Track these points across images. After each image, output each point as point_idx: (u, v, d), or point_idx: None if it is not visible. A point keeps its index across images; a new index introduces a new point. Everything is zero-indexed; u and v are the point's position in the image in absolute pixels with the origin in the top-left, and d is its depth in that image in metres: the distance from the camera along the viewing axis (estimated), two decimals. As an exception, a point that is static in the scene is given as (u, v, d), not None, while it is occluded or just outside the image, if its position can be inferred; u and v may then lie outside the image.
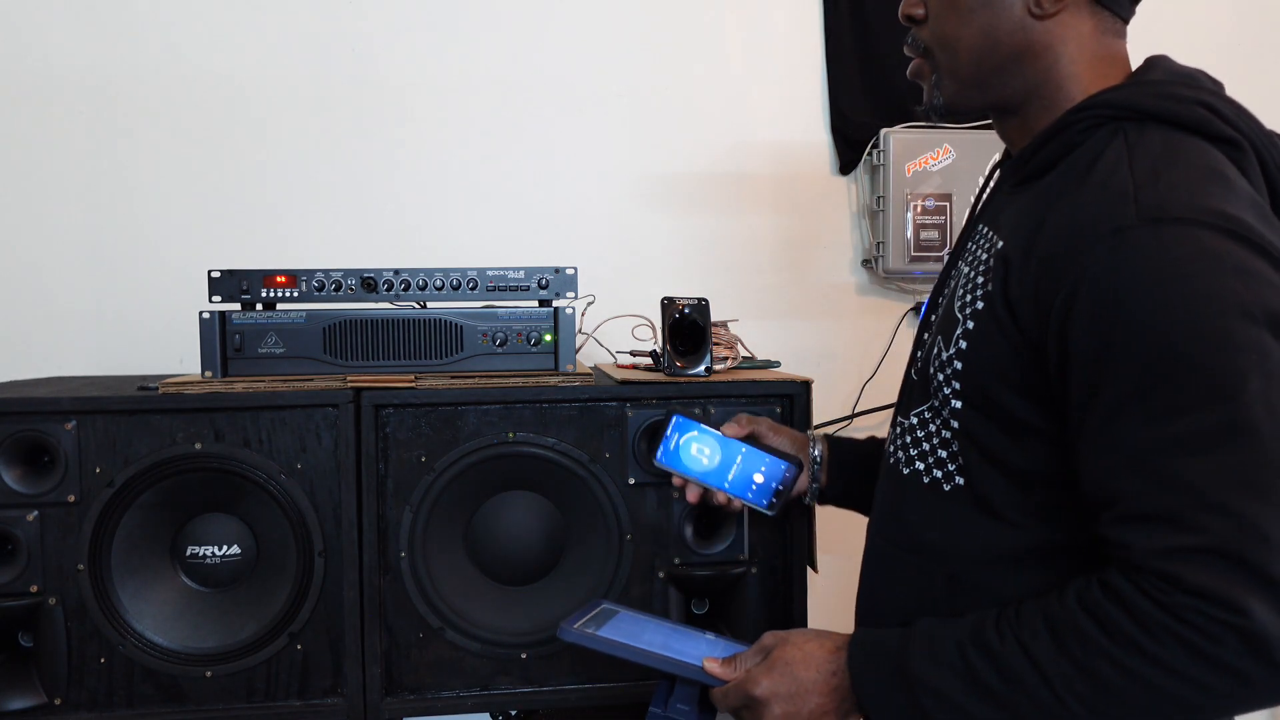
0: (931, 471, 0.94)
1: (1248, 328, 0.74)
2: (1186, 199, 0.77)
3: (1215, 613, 0.71)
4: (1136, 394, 0.76)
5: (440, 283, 1.34)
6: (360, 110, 1.95)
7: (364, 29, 1.95)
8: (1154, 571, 0.74)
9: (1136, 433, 0.76)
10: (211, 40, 1.91)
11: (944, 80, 0.96)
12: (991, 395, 0.87)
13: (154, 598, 1.23)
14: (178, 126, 1.90)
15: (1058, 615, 0.78)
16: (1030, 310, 0.83)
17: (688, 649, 1.02)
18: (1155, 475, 0.75)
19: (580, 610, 1.10)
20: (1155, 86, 0.87)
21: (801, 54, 2.07)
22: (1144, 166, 0.81)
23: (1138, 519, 0.75)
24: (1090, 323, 0.78)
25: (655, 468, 1.26)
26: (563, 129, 2.00)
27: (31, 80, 1.87)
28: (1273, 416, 0.72)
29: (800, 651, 0.93)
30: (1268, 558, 0.70)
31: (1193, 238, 0.76)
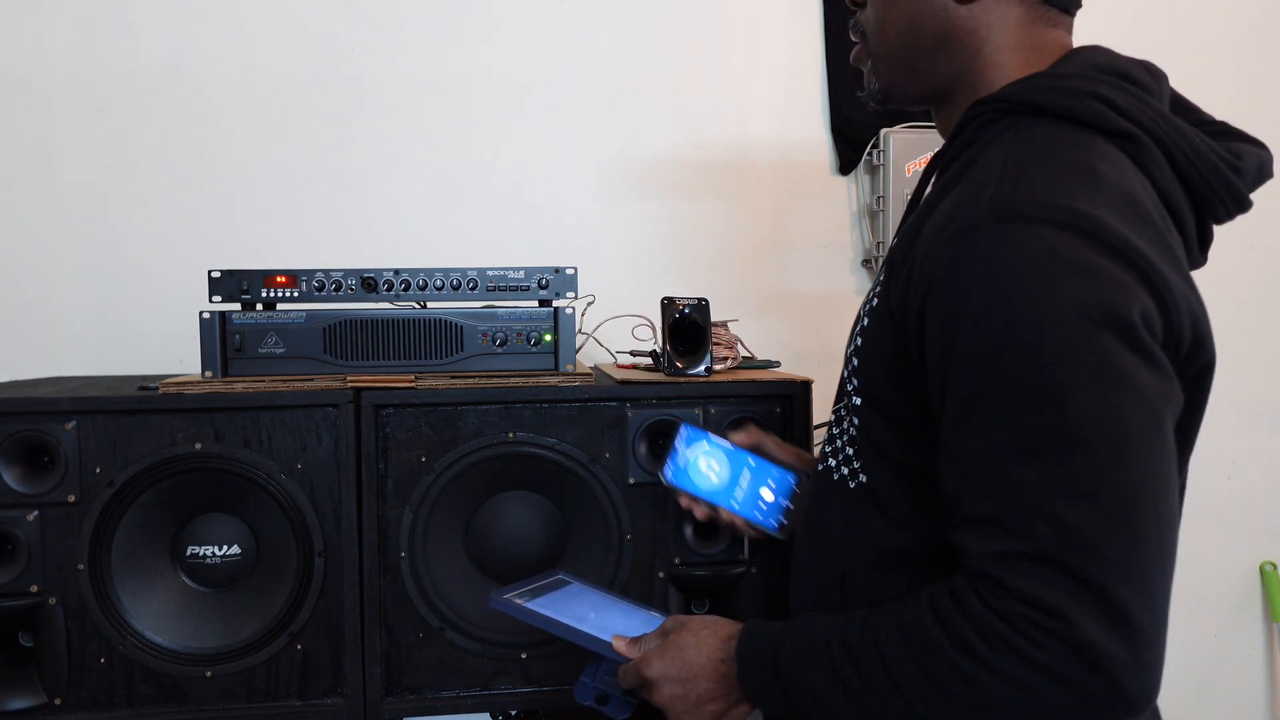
0: (840, 468, 0.94)
1: (1087, 330, 0.71)
2: (1039, 196, 0.75)
3: (1041, 620, 0.70)
4: (975, 398, 0.75)
5: (440, 283, 1.34)
6: (360, 110, 1.95)
7: (364, 29, 1.95)
8: (985, 576, 0.73)
9: (975, 437, 0.75)
10: (212, 40, 1.91)
11: (878, 65, 0.96)
12: (879, 393, 0.87)
13: (154, 598, 1.23)
14: (178, 127, 1.90)
15: (909, 617, 0.78)
16: (900, 309, 0.83)
17: (616, 625, 1.03)
18: (989, 480, 0.74)
19: (529, 579, 1.11)
20: (1055, 79, 0.85)
21: (801, 54, 2.07)
22: (1013, 164, 0.79)
23: (974, 523, 0.75)
24: (938, 325, 0.77)
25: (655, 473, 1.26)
26: (563, 128, 2.00)
27: (31, 80, 1.87)
28: (1106, 423, 0.70)
29: (694, 637, 0.94)
30: (1092, 566, 0.69)
31: (1037, 236, 0.73)
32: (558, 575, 1.16)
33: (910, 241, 0.84)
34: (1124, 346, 0.71)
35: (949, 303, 0.76)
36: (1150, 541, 0.70)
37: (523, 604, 1.04)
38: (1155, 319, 0.74)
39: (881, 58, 0.95)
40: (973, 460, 0.75)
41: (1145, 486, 0.71)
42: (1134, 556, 0.69)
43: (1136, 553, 0.70)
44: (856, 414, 0.91)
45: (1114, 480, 0.70)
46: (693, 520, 1.30)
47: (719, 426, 1.29)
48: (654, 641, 0.97)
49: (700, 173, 2.04)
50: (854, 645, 0.81)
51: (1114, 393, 0.71)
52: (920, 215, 0.86)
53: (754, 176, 2.06)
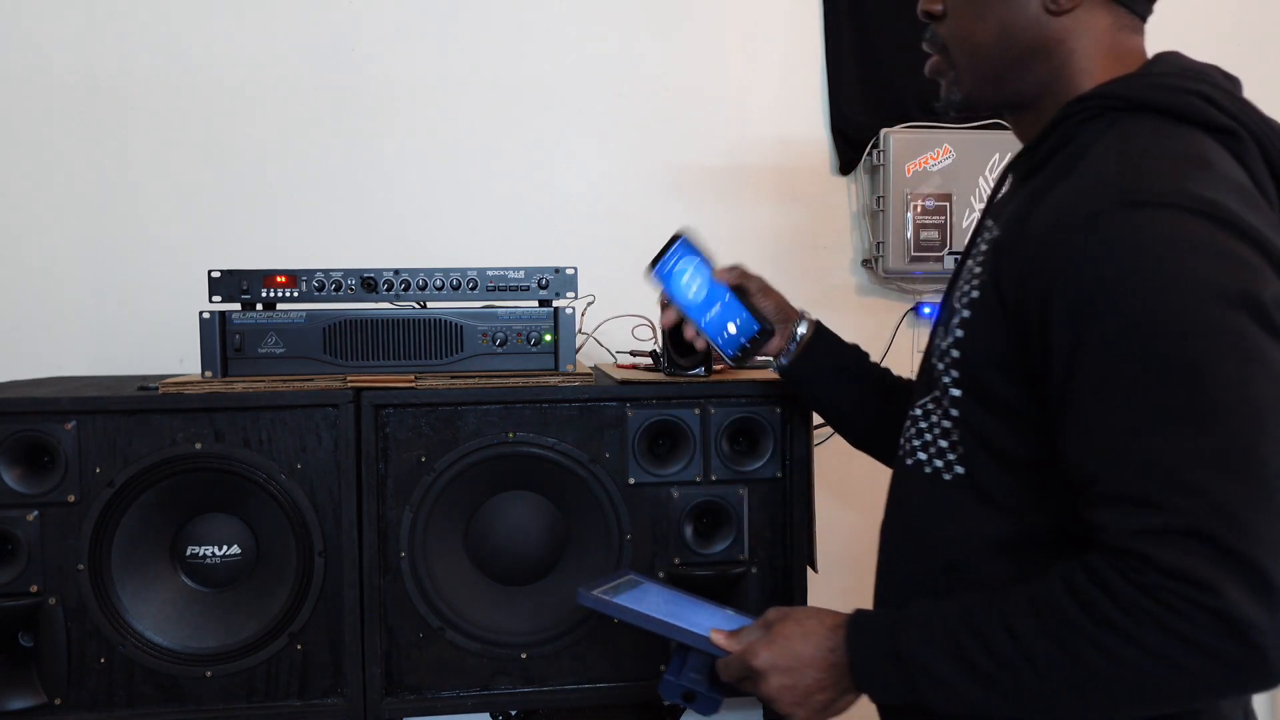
0: (933, 461, 0.95)
1: (1223, 310, 0.73)
2: (1165, 183, 0.78)
3: (1188, 592, 0.71)
4: (1113, 376, 0.76)
5: (440, 283, 1.34)
6: (361, 110, 1.95)
7: (364, 29, 1.95)
8: (1128, 551, 0.74)
9: (1112, 414, 0.76)
10: (212, 40, 1.91)
11: (961, 77, 0.97)
12: (986, 382, 0.88)
13: (154, 598, 1.23)
14: (178, 126, 1.90)
15: (1042, 596, 0.79)
16: (1016, 296, 0.84)
17: (702, 620, 1.04)
18: (1129, 456, 0.75)
19: (606, 578, 1.12)
20: (1153, 78, 0.87)
21: (801, 54, 2.07)
22: (1128, 154, 0.81)
23: (1113, 500, 0.76)
24: (1067, 307, 0.79)
25: (650, 471, 1.27)
26: (563, 129, 2.00)
27: (31, 80, 1.87)
28: (1244, 399, 0.72)
29: (800, 627, 0.94)
30: (1239, 538, 0.70)
31: (1169, 221, 0.76)
32: (629, 575, 1.17)
33: (1018, 232, 0.85)
34: (1258, 326, 0.73)
35: (1080, 287, 0.77)
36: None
37: (612, 599, 1.04)
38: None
39: (967, 70, 0.96)
40: (1110, 438, 0.76)
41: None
42: (1276, 526, 0.71)
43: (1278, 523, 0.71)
44: (955, 405, 0.91)
45: (1253, 453, 0.72)
46: (693, 520, 1.30)
47: (719, 427, 1.29)
48: (757, 633, 0.98)
49: (700, 172, 2.04)
50: (981, 626, 0.81)
51: (1250, 370, 0.73)
52: (1024, 207, 0.87)
53: (754, 176, 2.06)
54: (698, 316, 1.22)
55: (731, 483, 1.30)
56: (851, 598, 1.05)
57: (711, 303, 1.22)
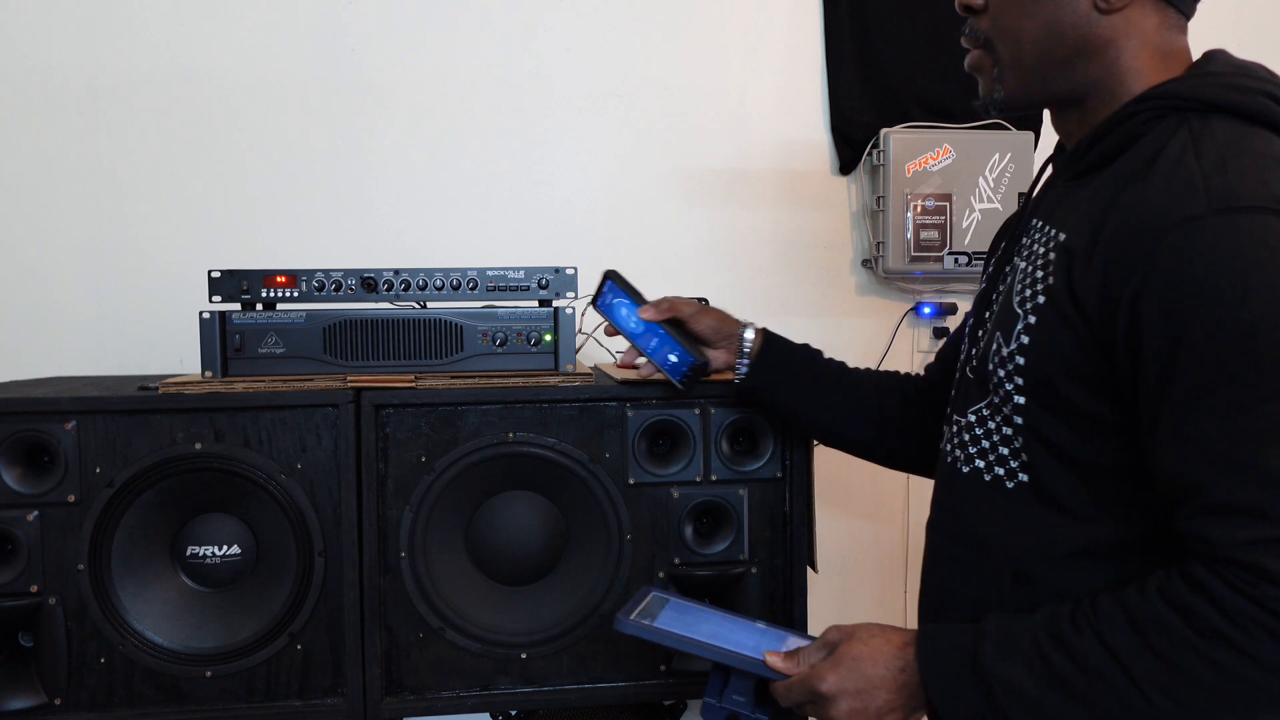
0: (993, 469, 0.93)
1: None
2: (1257, 187, 0.77)
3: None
4: (1215, 384, 0.75)
5: (440, 283, 1.34)
6: (361, 110, 1.95)
7: (364, 29, 1.95)
8: (1238, 563, 0.73)
9: (1216, 423, 0.75)
10: (211, 40, 1.91)
11: (1005, 73, 0.95)
12: (1057, 388, 0.86)
13: (154, 598, 1.23)
14: (178, 126, 1.90)
15: (1138, 607, 0.77)
16: (1096, 302, 0.82)
17: (744, 640, 1.01)
18: (1236, 466, 0.74)
19: (632, 599, 1.10)
20: (1217, 78, 0.86)
21: (801, 54, 2.07)
22: (1211, 156, 0.80)
23: (1219, 511, 0.75)
24: (1164, 313, 0.77)
25: (650, 471, 1.27)
26: (563, 129, 2.00)
27: (31, 80, 1.87)
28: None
29: (867, 647, 0.92)
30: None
31: (1266, 225, 0.75)
32: (652, 592, 1.14)
33: (1093, 235, 0.84)
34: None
35: (1179, 291, 0.76)
36: None
37: (652, 624, 1.01)
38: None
39: (1012, 66, 0.94)
40: (1213, 447, 0.75)
41: None
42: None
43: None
44: (1019, 413, 0.90)
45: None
46: (693, 520, 1.30)
47: (719, 427, 1.29)
48: (818, 654, 0.95)
49: (700, 172, 2.04)
50: (1068, 639, 0.79)
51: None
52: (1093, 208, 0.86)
53: (754, 176, 2.06)
54: (642, 346, 1.26)
55: (731, 483, 1.30)
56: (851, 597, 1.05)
57: (649, 336, 1.25)
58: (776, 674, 0.95)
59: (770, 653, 0.97)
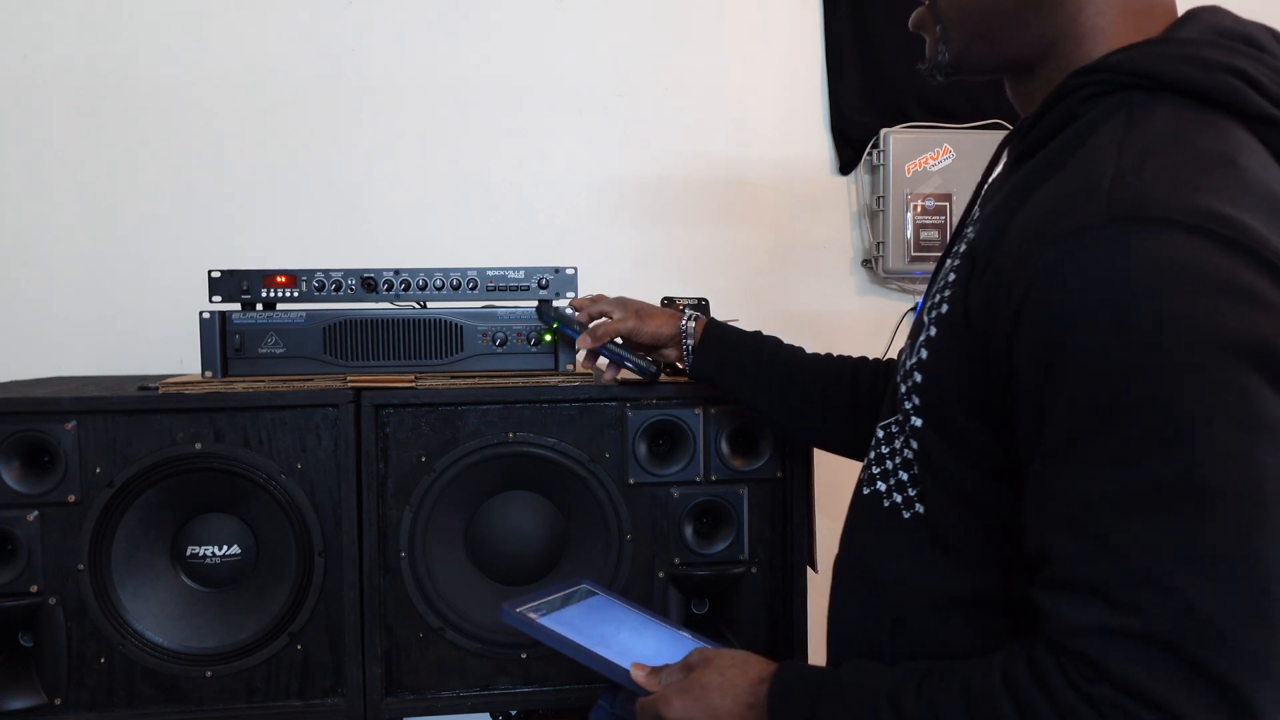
0: (892, 494, 0.83)
1: (1223, 362, 0.58)
2: (1170, 194, 0.62)
3: (1141, 713, 0.58)
4: (1079, 435, 0.62)
5: (440, 283, 1.34)
6: (361, 110, 1.95)
7: (363, 29, 1.95)
8: (1077, 653, 0.61)
9: (1075, 482, 0.63)
10: (212, 41, 1.91)
11: (949, 31, 0.82)
12: (948, 415, 0.75)
13: (154, 598, 1.23)
14: (178, 126, 1.90)
15: (977, 686, 0.67)
16: (983, 320, 0.71)
17: (637, 648, 0.97)
18: (1089, 535, 0.61)
19: (549, 589, 1.08)
20: (1181, 46, 0.71)
21: (801, 54, 2.07)
22: (1133, 151, 0.66)
23: (1066, 586, 0.63)
24: (1035, 343, 0.65)
25: (650, 471, 1.27)
26: (563, 129, 2.01)
27: (31, 80, 1.87)
28: (1242, 478, 0.58)
29: (721, 677, 0.85)
30: (1216, 655, 0.57)
31: (1169, 244, 0.60)
32: (582, 585, 1.13)
33: (996, 238, 0.72)
34: (1268, 385, 0.59)
35: (1053, 318, 0.63)
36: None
37: (536, 619, 0.98)
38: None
39: (956, 23, 0.81)
40: (1071, 508, 0.63)
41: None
42: (1271, 645, 0.57)
43: (1273, 639, 0.57)
44: (916, 436, 0.79)
45: (1249, 548, 0.57)
46: (693, 520, 1.30)
47: (719, 427, 1.29)
48: (675, 676, 0.89)
49: (700, 173, 2.04)
50: (907, 707, 0.70)
51: (1254, 442, 0.58)
52: (1007, 204, 0.74)
53: (754, 176, 2.06)
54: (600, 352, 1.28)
55: (731, 483, 1.30)
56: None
57: (599, 354, 1.27)
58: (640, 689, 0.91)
59: (637, 666, 0.93)
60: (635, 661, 0.93)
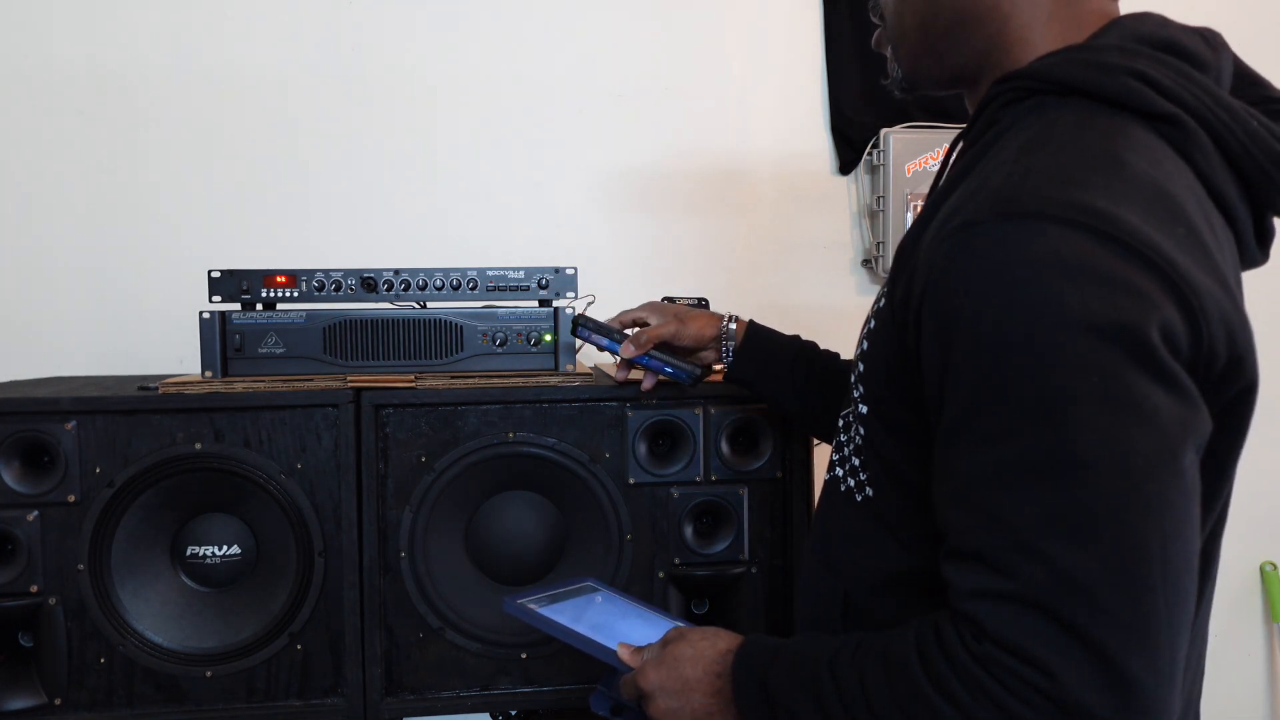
0: (847, 480, 0.88)
1: (1093, 345, 0.63)
2: (1049, 190, 0.67)
3: (1022, 671, 0.63)
4: (968, 414, 0.67)
5: (440, 283, 1.34)
6: (361, 110, 1.95)
7: (364, 28, 1.95)
8: (965, 616, 0.66)
9: (964, 458, 0.68)
10: (211, 40, 1.91)
11: (898, 49, 0.89)
12: (884, 403, 0.81)
13: (154, 598, 1.23)
14: (178, 126, 1.90)
15: (896, 651, 0.72)
16: (903, 312, 0.76)
17: (631, 635, 1.01)
18: (975, 507, 0.67)
19: (555, 584, 1.11)
20: (1089, 53, 0.76)
21: (801, 54, 2.07)
22: (1026, 153, 0.71)
23: (956, 555, 0.68)
24: (935, 330, 0.70)
25: (650, 471, 1.27)
26: (563, 128, 2.01)
27: (31, 79, 1.87)
28: (1110, 453, 0.62)
29: (692, 649, 0.90)
30: (1085, 615, 0.61)
31: (1041, 235, 0.65)
32: (586, 582, 1.15)
33: (917, 236, 0.77)
34: (1136, 366, 0.63)
35: (943, 307, 0.69)
36: (1155, 589, 0.62)
37: (535, 609, 1.02)
38: (1181, 335, 0.65)
39: (900, 41, 0.87)
40: (962, 483, 0.68)
41: (1153, 525, 0.63)
42: (1135, 606, 0.62)
43: (1138, 602, 0.62)
44: (862, 423, 0.85)
45: (1116, 517, 0.62)
46: (693, 520, 1.30)
47: (719, 427, 1.29)
48: (654, 652, 0.94)
49: (700, 173, 2.04)
50: (841, 672, 0.75)
51: (1120, 418, 0.63)
52: (931, 207, 0.79)
53: (754, 176, 2.06)
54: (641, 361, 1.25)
55: (731, 483, 1.30)
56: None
57: (639, 362, 1.25)
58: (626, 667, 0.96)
59: (623, 645, 0.97)
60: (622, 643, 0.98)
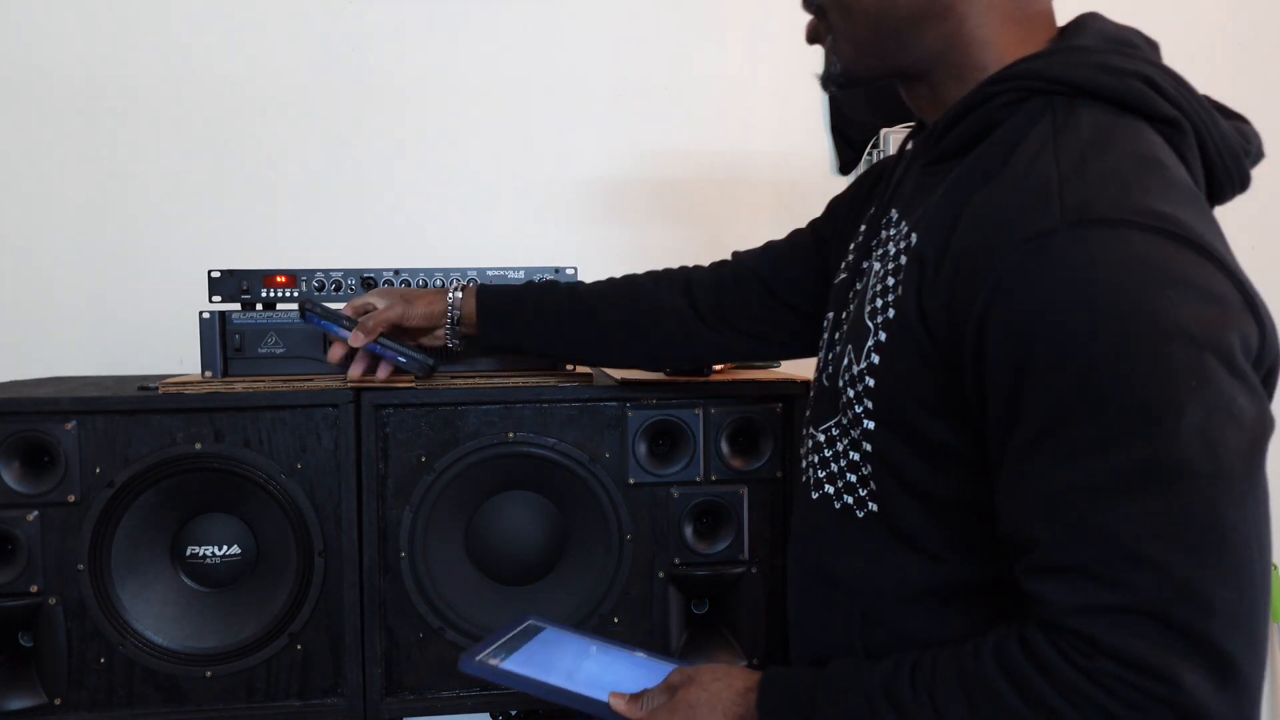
0: (842, 496, 0.86)
1: (1187, 350, 0.63)
2: (1117, 196, 0.67)
3: (1142, 682, 0.62)
4: (1057, 425, 0.66)
5: (440, 283, 1.34)
6: (360, 109, 1.95)
7: (364, 28, 1.95)
8: (1073, 632, 0.65)
9: (1055, 470, 0.66)
10: (211, 39, 1.91)
11: (839, 44, 0.86)
12: (906, 417, 0.78)
13: (154, 598, 1.23)
14: (178, 126, 1.90)
15: (972, 672, 0.70)
16: (944, 321, 0.74)
17: (605, 677, 0.98)
18: (1074, 521, 0.65)
19: (500, 631, 1.07)
20: (1087, 55, 0.76)
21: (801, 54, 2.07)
22: (1070, 156, 0.71)
23: (1055, 571, 0.67)
24: (1006, 341, 0.68)
25: (650, 471, 1.27)
26: (562, 128, 2.01)
27: (30, 79, 1.87)
28: (1209, 456, 0.62)
29: (706, 693, 0.87)
30: (1199, 619, 0.62)
31: (1125, 242, 0.65)
32: (528, 621, 1.12)
33: (943, 242, 0.75)
34: (1224, 368, 0.63)
35: (1022, 316, 0.67)
36: (1257, 585, 0.63)
37: (499, 665, 0.97)
38: (1253, 337, 0.66)
39: (845, 36, 0.86)
40: (1051, 498, 0.66)
41: (1250, 525, 0.64)
42: (1243, 603, 0.63)
43: (1245, 599, 0.63)
44: (868, 439, 0.82)
45: (1220, 519, 0.62)
46: (693, 520, 1.30)
47: (719, 427, 1.29)
48: (660, 698, 0.90)
49: (700, 173, 2.04)
50: (903, 700, 0.72)
51: (1217, 421, 0.63)
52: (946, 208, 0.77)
53: (754, 176, 2.06)
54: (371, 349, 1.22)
55: (731, 483, 1.30)
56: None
57: (371, 350, 1.22)
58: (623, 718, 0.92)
59: (615, 695, 0.93)
60: (611, 691, 0.94)
